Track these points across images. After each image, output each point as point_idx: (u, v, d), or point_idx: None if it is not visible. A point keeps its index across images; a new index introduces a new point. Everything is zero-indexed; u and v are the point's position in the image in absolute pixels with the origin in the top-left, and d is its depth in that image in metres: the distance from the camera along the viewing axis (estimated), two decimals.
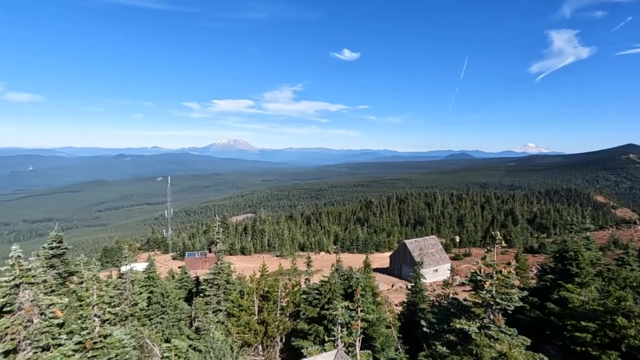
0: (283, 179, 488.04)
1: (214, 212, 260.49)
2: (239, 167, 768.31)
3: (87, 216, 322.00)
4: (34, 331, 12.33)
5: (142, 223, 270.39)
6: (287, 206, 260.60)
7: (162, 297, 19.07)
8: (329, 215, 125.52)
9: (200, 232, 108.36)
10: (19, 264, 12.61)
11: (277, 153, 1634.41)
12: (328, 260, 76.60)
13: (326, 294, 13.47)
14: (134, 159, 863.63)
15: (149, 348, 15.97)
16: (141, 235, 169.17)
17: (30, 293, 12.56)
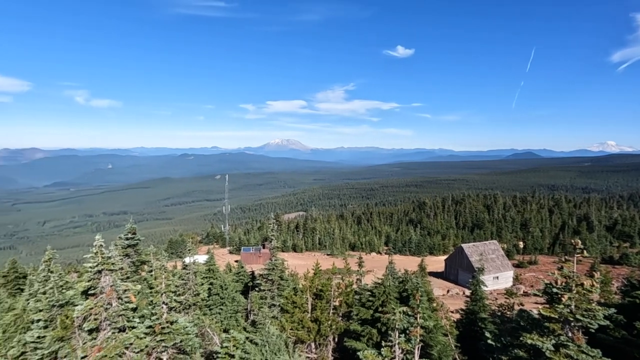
0: (334, 178, 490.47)
1: (267, 210, 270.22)
2: (291, 166, 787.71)
3: (155, 210, 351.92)
4: (113, 313, 13.71)
5: (202, 218, 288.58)
6: (338, 205, 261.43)
7: (221, 289, 20.06)
8: (380, 215, 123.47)
9: (254, 229, 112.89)
10: (102, 252, 14.07)
11: (329, 152, 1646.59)
12: (379, 261, 75.37)
13: (380, 296, 13.16)
14: (196, 158, 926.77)
15: (210, 337, 16.92)
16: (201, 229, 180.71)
17: (110, 279, 13.97)
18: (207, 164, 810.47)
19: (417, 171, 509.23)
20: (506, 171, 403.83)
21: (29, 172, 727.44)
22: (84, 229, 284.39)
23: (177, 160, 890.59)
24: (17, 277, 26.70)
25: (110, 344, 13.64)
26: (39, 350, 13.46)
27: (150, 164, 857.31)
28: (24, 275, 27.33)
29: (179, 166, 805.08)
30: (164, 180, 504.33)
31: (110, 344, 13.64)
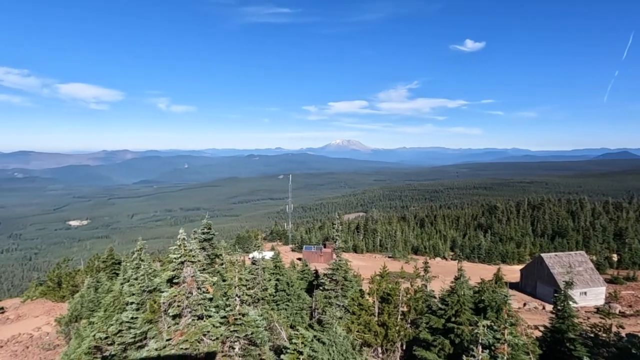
0: (395, 179, 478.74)
1: (327, 210, 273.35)
2: (351, 166, 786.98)
3: (224, 207, 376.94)
4: (193, 302, 14.90)
5: (266, 216, 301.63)
6: (399, 207, 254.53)
7: (287, 286, 20.63)
8: (445, 218, 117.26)
9: (315, 228, 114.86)
10: (184, 245, 15.40)
11: (390, 152, 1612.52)
12: (444, 266, 71.62)
13: (453, 306, 12.37)
14: (261, 158, 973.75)
15: (277, 331, 17.52)
16: (265, 227, 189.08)
17: (191, 270, 15.20)
18: (271, 164, 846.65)
19: (486, 172, 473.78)
20: (595, 173, 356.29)
21: (121, 171, 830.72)
22: (164, 222, 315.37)
23: (244, 161, 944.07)
24: (114, 262, 30.42)
25: (190, 330, 14.80)
26: (132, 330, 15.15)
27: (220, 164, 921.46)
28: (118, 262, 31.09)
29: (246, 166, 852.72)
30: (232, 180, 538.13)
31: (190, 330, 14.80)
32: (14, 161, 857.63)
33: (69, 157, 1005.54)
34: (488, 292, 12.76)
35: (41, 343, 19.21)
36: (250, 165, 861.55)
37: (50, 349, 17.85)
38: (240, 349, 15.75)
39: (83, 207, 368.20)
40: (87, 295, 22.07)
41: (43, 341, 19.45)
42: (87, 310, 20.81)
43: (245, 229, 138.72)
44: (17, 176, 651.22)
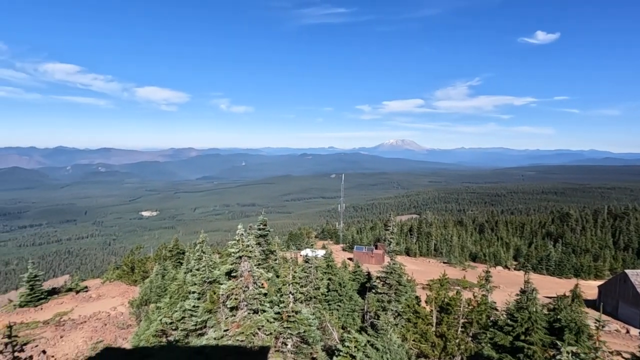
0: (452, 181, 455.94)
1: (379, 210, 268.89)
2: (405, 166, 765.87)
3: (278, 204, 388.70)
4: (249, 296, 15.40)
5: (318, 214, 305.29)
6: (456, 210, 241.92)
7: (339, 286, 20.45)
8: (508, 225, 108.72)
9: (367, 228, 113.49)
10: (242, 240, 15.98)
11: (447, 153, 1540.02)
12: (506, 277, 66.52)
13: (523, 323, 11.21)
14: (314, 157, 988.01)
15: (329, 331, 17.44)
16: (316, 225, 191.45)
17: (248, 264, 15.73)
18: (324, 163, 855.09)
19: (557, 176, 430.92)
20: None
21: (186, 167, 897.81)
22: (222, 216, 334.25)
23: (298, 159, 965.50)
24: (178, 252, 32.72)
25: (246, 323, 15.29)
26: (194, 318, 16.08)
27: (275, 162, 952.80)
28: (182, 252, 33.36)
29: (299, 165, 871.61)
30: (285, 178, 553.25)
31: (246, 323, 15.29)
32: (98, 157, 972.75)
33: (142, 154, 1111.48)
34: (565, 311, 11.36)
35: (117, 322, 21.13)
36: (304, 164, 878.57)
37: (124, 327, 19.58)
38: (293, 345, 15.93)
39: (153, 200, 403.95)
40: (155, 282, 23.91)
41: (118, 320, 21.38)
42: (155, 295, 22.54)
43: (297, 227, 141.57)
44: (101, 170, 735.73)
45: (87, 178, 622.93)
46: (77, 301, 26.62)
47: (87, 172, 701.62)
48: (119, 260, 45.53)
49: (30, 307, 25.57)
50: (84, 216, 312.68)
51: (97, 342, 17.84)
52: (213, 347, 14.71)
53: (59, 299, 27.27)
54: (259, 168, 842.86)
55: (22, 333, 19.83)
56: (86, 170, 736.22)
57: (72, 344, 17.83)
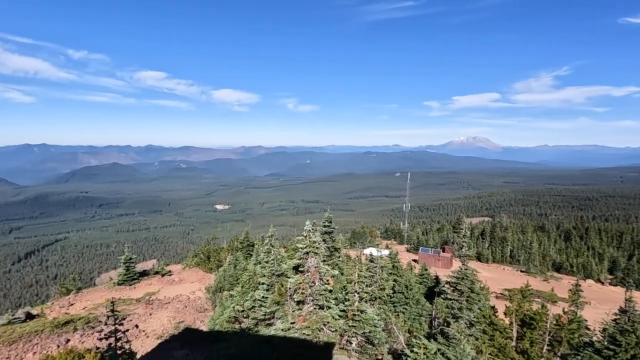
0: (532, 182, 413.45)
1: (446, 211, 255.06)
2: (477, 166, 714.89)
3: (341, 201, 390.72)
4: (315, 291, 15.65)
5: (381, 213, 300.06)
6: (536, 214, 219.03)
7: (406, 288, 19.77)
8: (602, 233, 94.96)
9: (433, 229, 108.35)
10: (310, 236, 16.30)
11: (526, 151, 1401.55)
12: (599, 292, 58.43)
13: (629, 348, 9.57)
14: (378, 155, 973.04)
15: (395, 334, 16.97)
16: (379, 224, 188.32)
17: (315, 261, 15.99)
18: (388, 161, 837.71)
19: None
20: None
21: (256, 164, 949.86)
22: (287, 211, 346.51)
23: (361, 158, 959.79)
24: (248, 244, 34.63)
25: (312, 318, 15.56)
26: (263, 308, 16.86)
27: (339, 160, 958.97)
28: (252, 244, 35.24)
29: (363, 163, 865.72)
30: (349, 175, 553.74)
31: (312, 318, 15.56)
32: (180, 154, 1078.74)
33: (217, 152, 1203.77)
34: None
35: (195, 305, 23.04)
36: (367, 162, 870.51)
37: (201, 311, 21.25)
38: (358, 345, 15.82)
39: (226, 194, 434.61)
40: (227, 271, 25.59)
41: (196, 304, 23.28)
42: (228, 283, 24.12)
43: (360, 225, 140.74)
44: (182, 166, 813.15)
45: (171, 173, 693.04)
46: (162, 283, 29.70)
47: (171, 168, 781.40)
48: (197, 249, 49.73)
49: (126, 285, 29.21)
50: (168, 207, 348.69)
51: (179, 322, 19.66)
52: (281, 338, 15.24)
53: (148, 280, 30.70)
54: (323, 166, 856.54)
55: (120, 308, 22.72)
56: (170, 166, 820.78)
57: (159, 322, 19.90)
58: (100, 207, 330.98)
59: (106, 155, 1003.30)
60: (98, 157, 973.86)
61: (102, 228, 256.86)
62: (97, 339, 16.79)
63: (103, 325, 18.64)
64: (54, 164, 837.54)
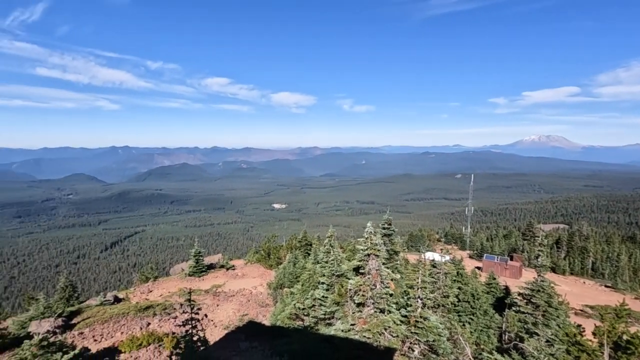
0: (619, 185, 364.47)
1: (513, 216, 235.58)
2: (550, 167, 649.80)
3: (397, 203, 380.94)
4: (376, 294, 15.41)
5: (439, 216, 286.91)
6: (624, 223, 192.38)
7: (472, 297, 18.62)
8: None
9: (499, 235, 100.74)
10: (371, 238, 16.10)
11: (612, 151, 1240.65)
12: None
13: None
14: (437, 156, 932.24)
15: (461, 345, 16.05)
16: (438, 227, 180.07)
17: (376, 263, 15.77)
18: (448, 162, 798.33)
19: None
20: None
21: (311, 165, 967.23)
22: (342, 212, 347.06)
23: (419, 158, 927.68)
24: (306, 244, 35.31)
25: (373, 321, 15.34)
26: (323, 307, 17.04)
27: (395, 160, 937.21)
28: (310, 243, 35.86)
29: (420, 164, 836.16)
30: (406, 176, 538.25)
31: (373, 321, 15.34)
32: (241, 155, 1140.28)
33: (275, 152, 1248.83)
34: None
35: (257, 299, 24.04)
36: (425, 163, 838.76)
37: (263, 306, 22.10)
38: (420, 352, 15.23)
39: (283, 194, 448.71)
40: (287, 268, 26.32)
41: (258, 298, 24.27)
42: (288, 280, 24.80)
43: (418, 228, 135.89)
44: (243, 166, 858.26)
45: (233, 173, 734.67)
46: (227, 277, 31.50)
47: (233, 168, 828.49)
48: (257, 245, 51.98)
49: (195, 277, 31.52)
50: (230, 205, 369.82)
51: (243, 315, 20.68)
52: (341, 339, 15.27)
53: (215, 273, 32.78)
54: (379, 166, 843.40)
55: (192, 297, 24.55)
56: (232, 166, 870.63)
57: (225, 313, 21.12)
58: (171, 204, 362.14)
59: (177, 156, 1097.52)
60: (170, 157, 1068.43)
61: (172, 223, 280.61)
62: (173, 324, 18.33)
63: (177, 313, 20.32)
64: (134, 164, 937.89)
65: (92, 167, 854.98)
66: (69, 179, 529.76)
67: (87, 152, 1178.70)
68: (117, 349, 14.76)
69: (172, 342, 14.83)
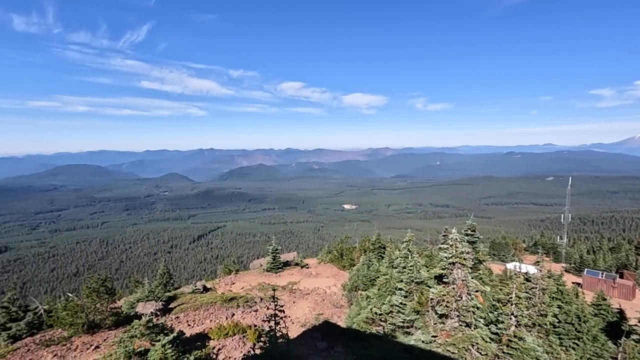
0: None
1: (621, 226, 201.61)
2: None
3: (475, 207, 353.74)
4: (462, 306, 14.24)
5: (526, 223, 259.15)
6: None
7: (577, 319, 16.18)
8: None
9: (604, 248, 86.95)
10: (457, 245, 14.98)
11: None
12: None
13: None
14: (524, 156, 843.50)
15: None
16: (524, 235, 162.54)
17: (462, 273, 14.61)
18: (537, 163, 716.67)
19: None
20: None
21: (382, 166, 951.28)
22: (414, 215, 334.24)
23: (502, 159, 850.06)
24: (380, 246, 34.56)
25: (457, 335, 14.23)
26: (401, 315, 16.35)
27: (474, 162, 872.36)
28: (384, 246, 35.02)
29: (504, 165, 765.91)
30: (486, 179, 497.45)
31: (457, 335, 14.23)
32: (313, 156, 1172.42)
33: (346, 154, 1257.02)
34: None
35: (331, 300, 24.15)
36: (509, 164, 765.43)
37: (337, 307, 22.12)
38: None
39: (353, 195, 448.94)
40: (361, 270, 25.99)
41: (332, 299, 24.37)
42: (362, 283, 24.46)
43: (501, 235, 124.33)
44: (314, 167, 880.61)
45: (305, 173, 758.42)
46: (302, 275, 32.35)
47: (305, 169, 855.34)
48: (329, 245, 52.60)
49: (272, 273, 33.00)
50: (302, 204, 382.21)
51: (318, 314, 20.93)
52: (422, 350, 14.47)
53: (290, 271, 33.93)
54: (455, 167, 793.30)
55: (270, 292, 25.70)
56: (304, 167, 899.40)
57: (301, 311, 21.62)
58: (249, 202, 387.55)
59: (254, 157, 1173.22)
60: (248, 159, 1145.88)
61: (250, 219, 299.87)
62: (254, 317, 19.33)
63: (258, 306, 21.40)
64: (217, 164, 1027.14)
65: (184, 167, 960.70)
66: (165, 177, 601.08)
67: (180, 154, 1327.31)
68: (207, 335, 15.95)
69: (255, 334, 15.55)
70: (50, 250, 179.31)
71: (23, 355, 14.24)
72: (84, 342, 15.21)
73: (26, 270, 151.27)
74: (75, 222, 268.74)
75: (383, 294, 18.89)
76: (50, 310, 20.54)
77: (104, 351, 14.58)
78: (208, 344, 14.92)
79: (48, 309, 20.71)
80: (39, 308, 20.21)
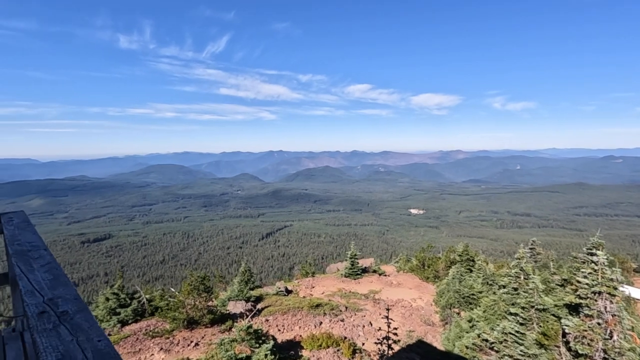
0: None
1: None
2: None
3: (563, 217, 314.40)
4: (613, 348, 11.52)
5: (630, 238, 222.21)
6: None
7: None
8: None
9: None
10: (602, 270, 12.29)
11: None
12: None
13: None
14: (626, 160, 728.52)
15: None
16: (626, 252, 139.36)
17: (613, 306, 11.85)
18: None
19: None
20: None
21: (453, 170, 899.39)
22: (488, 223, 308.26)
23: (598, 163, 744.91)
24: (468, 259, 31.40)
25: None
26: (520, 347, 13.96)
27: (562, 166, 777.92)
28: (472, 259, 31.78)
29: (600, 170, 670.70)
30: (577, 186, 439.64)
31: None
32: (379, 158, 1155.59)
33: (413, 156, 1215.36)
34: None
35: (419, 315, 22.17)
36: (608, 169, 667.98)
37: (429, 324, 20.13)
38: None
39: (421, 199, 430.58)
40: (452, 285, 23.54)
41: (420, 313, 22.38)
42: (455, 300, 22.06)
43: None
44: (381, 170, 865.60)
45: (371, 176, 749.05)
46: (381, 283, 30.75)
47: (371, 171, 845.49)
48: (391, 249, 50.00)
49: (351, 279, 31.94)
50: (367, 207, 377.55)
51: (410, 331, 19.22)
52: None
53: (369, 278, 32.54)
54: (539, 173, 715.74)
55: (352, 300, 24.63)
56: (370, 169, 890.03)
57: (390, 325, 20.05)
58: (314, 203, 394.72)
59: (320, 159, 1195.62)
60: (314, 160, 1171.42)
61: (315, 220, 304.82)
62: (342, 327, 18.35)
63: (344, 315, 20.41)
64: (286, 166, 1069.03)
65: (255, 168, 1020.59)
66: (238, 177, 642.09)
67: (252, 156, 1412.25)
68: (298, 343, 15.34)
69: (350, 349, 14.49)
70: (142, 240, 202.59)
71: (133, 344, 15.05)
72: (184, 337, 15.65)
73: (124, 256, 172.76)
74: (162, 216, 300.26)
75: (490, 317, 16.53)
76: (150, 299, 22.09)
77: (202, 349, 14.78)
78: (301, 354, 14.27)
79: (149, 298, 22.31)
80: (142, 297, 21.82)
